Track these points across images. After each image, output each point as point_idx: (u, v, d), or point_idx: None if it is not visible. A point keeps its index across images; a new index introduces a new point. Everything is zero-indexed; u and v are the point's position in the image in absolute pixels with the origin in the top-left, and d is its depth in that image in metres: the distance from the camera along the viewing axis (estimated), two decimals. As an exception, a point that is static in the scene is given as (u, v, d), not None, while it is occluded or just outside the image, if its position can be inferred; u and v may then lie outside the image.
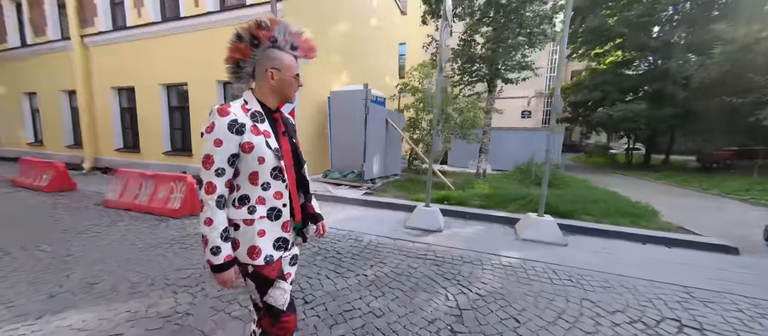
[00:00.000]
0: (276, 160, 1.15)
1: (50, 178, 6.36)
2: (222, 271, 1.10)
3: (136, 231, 4.06)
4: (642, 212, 5.13)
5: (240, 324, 2.15)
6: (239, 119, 1.09)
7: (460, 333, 2.13)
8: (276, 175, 1.17)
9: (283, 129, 1.23)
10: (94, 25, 8.53)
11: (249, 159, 1.11)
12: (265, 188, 1.16)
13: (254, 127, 1.12)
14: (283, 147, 1.20)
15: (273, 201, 1.17)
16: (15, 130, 11.15)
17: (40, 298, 2.43)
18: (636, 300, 2.63)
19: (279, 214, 1.18)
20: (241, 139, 1.09)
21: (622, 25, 16.96)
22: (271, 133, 1.16)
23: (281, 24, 1.14)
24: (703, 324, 2.32)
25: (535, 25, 7.22)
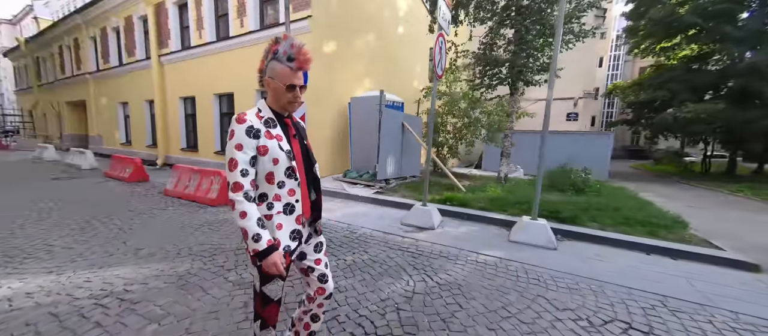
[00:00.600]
0: (289, 161, 1.28)
1: (131, 171, 7.94)
2: (267, 256, 1.20)
3: (180, 214, 5.02)
4: (666, 223, 4.73)
5: (230, 285, 2.73)
6: (254, 125, 1.23)
7: (403, 310, 2.43)
8: (289, 174, 1.29)
9: (293, 132, 1.35)
10: (168, 46, 10.33)
11: (265, 161, 1.24)
12: (280, 186, 1.28)
13: (268, 132, 1.25)
14: (294, 148, 1.32)
15: (287, 197, 1.30)
16: (112, 133, 13.86)
17: (103, 256, 3.30)
18: (596, 302, 2.64)
19: (293, 209, 1.32)
20: (257, 143, 1.23)
21: (695, 15, 14.93)
22: (282, 137, 1.29)
23: (288, 39, 1.25)
24: (655, 329, 2.29)
25: (551, 27, 6.96)
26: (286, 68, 1.23)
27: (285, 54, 1.23)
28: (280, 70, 1.23)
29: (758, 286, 3.07)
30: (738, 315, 2.51)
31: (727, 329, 2.32)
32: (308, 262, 1.49)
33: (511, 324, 2.30)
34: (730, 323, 2.39)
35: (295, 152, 1.32)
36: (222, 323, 2.18)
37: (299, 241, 1.36)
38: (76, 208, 5.16)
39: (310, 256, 1.49)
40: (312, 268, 1.49)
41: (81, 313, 2.26)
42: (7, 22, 41.59)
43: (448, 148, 9.77)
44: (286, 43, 1.24)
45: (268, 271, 1.23)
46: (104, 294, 2.52)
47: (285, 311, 2.27)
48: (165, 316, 2.25)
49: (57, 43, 16.75)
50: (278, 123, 1.30)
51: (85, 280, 2.76)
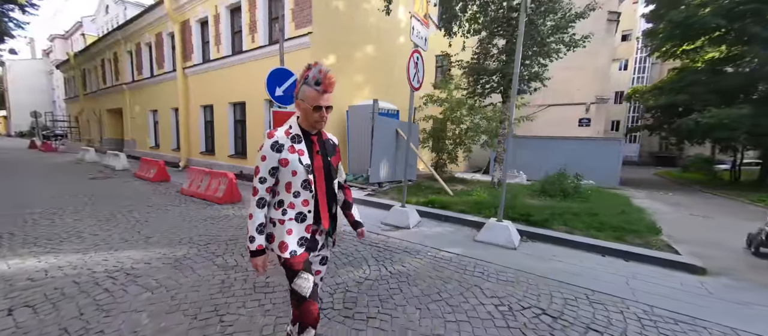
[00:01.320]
0: (306, 174, 1.41)
1: (154, 172, 8.89)
2: (254, 257, 1.41)
3: (189, 210, 5.72)
4: (638, 229, 4.85)
5: (215, 267, 3.29)
6: (279, 141, 1.39)
7: (349, 292, 2.88)
8: (305, 186, 1.43)
9: (317, 148, 1.48)
10: (191, 59, 11.39)
11: (285, 171, 1.40)
12: (295, 196, 1.43)
13: (291, 147, 1.40)
14: (315, 163, 1.45)
15: (300, 207, 1.44)
16: (143, 137, 15.27)
17: (120, 242, 3.99)
18: (524, 293, 2.95)
19: (304, 218, 1.45)
20: (279, 156, 1.38)
21: (719, 16, 14.33)
22: (304, 152, 1.42)
23: (318, 66, 1.38)
24: (566, 314, 2.59)
25: (547, 36, 7.16)
26: (313, 91, 1.36)
27: (314, 79, 1.36)
28: (309, 93, 1.37)
29: (694, 286, 3.24)
30: (653, 308, 2.74)
31: (633, 318, 2.58)
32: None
33: (437, 305, 2.68)
34: (639, 314, 2.64)
35: (315, 167, 1.45)
36: (200, 294, 2.72)
37: (307, 248, 1.48)
38: (105, 203, 6.00)
39: (313, 267, 1.60)
40: None
41: (96, 281, 2.89)
42: (61, 38, 46.13)
43: (448, 153, 10.08)
44: (316, 69, 1.37)
45: (254, 267, 1.44)
46: (115, 270, 3.15)
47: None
48: (158, 287, 2.83)
49: (100, 56, 18.66)
50: (304, 139, 1.45)
51: (103, 259, 3.41)
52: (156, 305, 2.53)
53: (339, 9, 8.20)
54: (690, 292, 3.10)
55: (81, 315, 2.36)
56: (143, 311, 2.44)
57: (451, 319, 2.47)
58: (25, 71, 44.20)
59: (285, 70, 5.19)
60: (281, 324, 2.32)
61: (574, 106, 16.36)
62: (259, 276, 1.56)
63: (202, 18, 10.76)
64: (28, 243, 3.81)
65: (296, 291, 1.41)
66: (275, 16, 8.70)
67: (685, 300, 2.92)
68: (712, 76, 15.91)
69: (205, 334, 2.18)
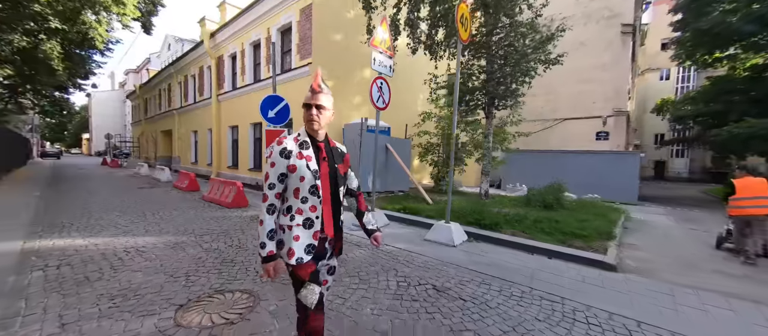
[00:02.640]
0: (313, 179, 1.44)
1: (187, 183, 10.52)
2: (265, 263, 1.42)
3: (202, 211, 6.95)
4: (588, 234, 5.08)
5: (202, 251, 4.29)
6: (288, 147, 1.44)
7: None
8: (312, 192, 1.45)
9: (324, 155, 1.51)
10: (223, 87, 13.34)
11: (293, 177, 1.43)
12: (303, 201, 1.44)
13: (300, 153, 1.44)
14: (321, 170, 1.47)
15: (308, 212, 1.45)
16: (186, 154, 17.66)
17: (142, 232, 5.20)
18: (431, 276, 3.53)
19: (312, 224, 1.45)
20: (288, 162, 1.42)
21: (748, 22, 13.56)
22: (312, 158, 1.45)
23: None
24: (451, 289, 3.15)
25: (523, 56, 7.61)
26: (308, 94, 1.49)
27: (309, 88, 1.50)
28: (305, 98, 1.49)
29: (593, 279, 3.56)
30: (532, 290, 3.19)
31: (508, 295, 3.06)
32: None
33: (351, 279, 3.37)
34: (516, 294, 3.11)
35: (321, 173, 1.48)
36: (181, 264, 3.69)
37: (314, 256, 1.47)
38: (144, 206, 7.47)
39: (322, 275, 1.63)
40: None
41: (115, 253, 4.01)
42: (133, 71, 54.16)
43: (438, 167, 10.66)
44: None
45: (265, 274, 1.44)
46: (131, 247, 4.28)
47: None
48: (154, 258, 3.87)
49: (158, 87, 22.03)
50: (311, 146, 1.50)
51: (125, 241, 4.59)
52: (149, 269, 3.54)
53: (336, 41, 9.40)
54: (584, 283, 3.45)
55: (99, 270, 3.43)
56: (139, 271, 3.45)
57: (355, 288, 3.16)
58: (105, 101, 52.09)
59: (278, 96, 6.31)
60: (228, 284, 3.19)
61: (591, 119, 15.94)
62: (273, 281, 1.60)
63: (232, 53, 12.68)
64: (80, 229, 5.15)
65: (300, 301, 1.45)
66: (287, 50, 10.16)
67: (574, 288, 3.31)
68: (750, 83, 14.75)
69: (174, 285, 3.11)
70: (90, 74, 18.29)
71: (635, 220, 7.98)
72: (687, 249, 5.27)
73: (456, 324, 2.53)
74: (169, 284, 3.12)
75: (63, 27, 12.59)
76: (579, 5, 16.49)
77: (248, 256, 4.01)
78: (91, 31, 13.20)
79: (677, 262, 4.47)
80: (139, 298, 2.82)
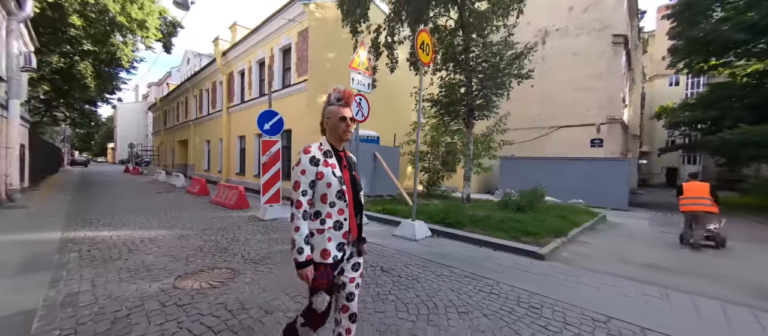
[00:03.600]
0: (339, 185, 1.59)
1: (198, 188, 11.60)
2: (303, 268, 1.51)
3: (208, 212, 7.91)
4: (540, 232, 5.68)
5: (201, 240, 5.18)
6: (316, 156, 1.58)
7: (259, 252, 4.50)
8: (339, 197, 1.59)
9: (345, 163, 1.68)
10: (233, 100, 14.55)
11: (321, 184, 1.56)
12: (331, 206, 1.58)
13: (325, 161, 1.59)
14: (344, 176, 1.63)
15: (337, 216, 1.59)
16: (200, 162, 18.99)
17: (154, 226, 6.15)
18: (385, 262, 4.27)
19: (340, 226, 1.60)
20: (316, 170, 1.55)
21: (740, 31, 13.78)
22: (336, 165, 1.62)
23: (337, 89, 1.68)
24: (395, 270, 3.88)
25: (497, 71, 8.30)
26: (337, 107, 1.62)
27: (335, 97, 1.64)
28: (333, 110, 1.62)
29: (523, 265, 4.21)
30: (462, 271, 3.88)
31: (438, 273, 3.77)
32: (344, 278, 1.69)
33: (315, 262, 4.15)
34: (446, 274, 3.81)
35: (344, 179, 1.62)
36: (184, 250, 4.56)
37: (343, 253, 1.61)
38: (159, 207, 8.51)
39: (347, 274, 1.70)
40: (344, 284, 1.70)
41: (132, 241, 4.94)
42: (156, 84, 57.44)
43: (436, 172, 11.38)
44: (335, 93, 1.66)
45: (302, 279, 1.52)
46: (145, 238, 5.21)
47: (209, 246, 4.58)
48: (163, 245, 4.76)
49: (176, 100, 23.72)
50: (334, 154, 1.63)
51: (140, 233, 5.53)
52: (158, 253, 4.43)
53: (330, 59, 10.38)
54: (512, 268, 4.10)
55: (119, 253, 4.35)
56: (151, 255, 4.34)
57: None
58: (129, 112, 55.28)
59: (272, 111, 7.25)
60: (218, 264, 4.03)
61: (585, 126, 16.29)
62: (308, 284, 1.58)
63: (241, 70, 13.90)
64: (105, 225, 6.16)
65: (315, 305, 1.60)
66: (288, 67, 11.21)
67: (499, 271, 3.97)
68: (745, 90, 14.86)
69: (176, 264, 3.98)
70: (116, 90, 20.06)
71: (610, 223, 8.44)
72: (638, 248, 5.77)
73: (383, 292, 3.26)
74: (172, 263, 3.99)
75: (95, 49, 14.15)
76: (572, 17, 17.03)
77: (238, 246, 4.86)
78: (119, 52, 14.74)
79: (613, 256, 5.02)
80: (149, 271, 3.69)
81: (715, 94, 16.11)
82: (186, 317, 2.64)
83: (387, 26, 8.20)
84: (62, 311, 2.69)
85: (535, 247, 4.80)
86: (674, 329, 2.66)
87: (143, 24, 13.61)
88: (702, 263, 4.86)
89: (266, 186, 7.21)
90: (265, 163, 7.20)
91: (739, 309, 3.11)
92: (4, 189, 7.76)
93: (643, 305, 3.13)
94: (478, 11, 8.34)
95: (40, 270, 3.64)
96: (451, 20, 8.92)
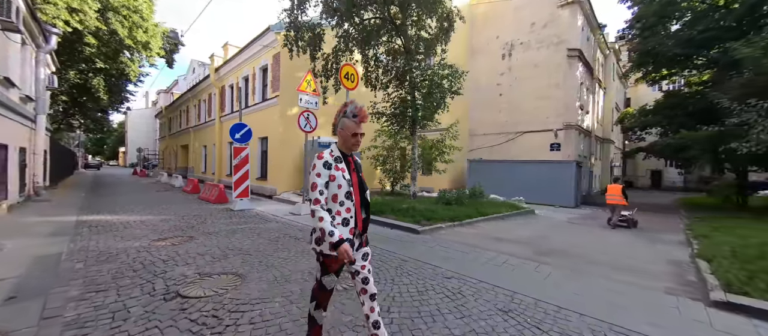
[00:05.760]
0: (348, 187, 1.84)
1: (191, 187, 13.50)
2: (339, 246, 1.70)
3: (193, 205, 9.73)
4: (441, 217, 7.33)
5: (186, 226, 6.99)
6: (328, 160, 1.82)
7: (223, 228, 6.26)
8: (347, 197, 1.84)
9: (353, 167, 1.93)
10: (224, 110, 16.49)
11: (333, 185, 1.81)
12: (341, 205, 1.83)
13: (336, 165, 1.83)
14: (352, 179, 1.88)
15: (345, 214, 1.83)
16: (199, 165, 21.01)
17: (148, 214, 7.99)
18: (294, 233, 5.99)
19: (348, 223, 1.84)
20: (329, 173, 1.80)
21: (679, 46, 15.19)
22: (346, 170, 1.87)
23: (353, 103, 1.89)
24: (298, 237, 5.59)
25: (435, 87, 9.96)
26: (352, 122, 1.86)
27: (351, 113, 1.87)
28: (348, 123, 1.87)
29: (404, 237, 5.87)
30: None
31: (327, 241, 5.49)
32: (356, 267, 1.92)
33: (244, 236, 5.88)
34: (335, 240, 5.52)
35: (353, 181, 1.88)
36: (167, 228, 6.36)
37: (352, 245, 1.84)
38: (154, 202, 10.37)
39: (359, 262, 1.94)
40: (358, 271, 1.93)
41: (128, 223, 6.77)
42: (164, 92, 60.39)
43: (396, 174, 13.09)
44: (352, 106, 1.89)
45: (341, 257, 1.72)
46: (138, 221, 7.03)
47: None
48: (149, 225, 6.57)
49: (179, 108, 25.92)
50: (343, 160, 1.90)
51: (135, 218, 7.36)
52: (144, 228, 6.24)
53: (298, 77, 12.09)
54: (393, 239, 5.76)
55: (116, 228, 6.16)
56: (138, 229, 6.13)
57: (255, 238, 5.67)
58: (139, 118, 58.15)
59: (242, 124, 9.06)
60: (185, 234, 5.82)
61: (545, 132, 17.77)
62: (351, 261, 1.75)
63: (231, 84, 15.85)
64: (109, 212, 8.02)
65: (323, 284, 1.95)
66: (266, 84, 13.07)
67: (382, 240, 5.64)
68: (686, 99, 16.25)
69: (155, 234, 5.78)
70: (125, 100, 22.29)
71: (535, 216, 10.00)
72: (526, 231, 7.31)
73: (299, 250, 4.99)
74: (152, 234, 5.77)
75: (106, 66, 16.27)
76: (534, 32, 18.58)
77: (204, 226, 6.62)
78: (127, 68, 16.85)
79: (490, 236, 6.54)
80: (135, 237, 5.48)
81: (666, 101, 17.49)
82: (150, 256, 4.41)
83: (334, 54, 9.92)
84: (78, 254, 4.48)
85: (418, 226, 6.47)
86: (483, 275, 3.97)
87: (147, 45, 15.68)
88: (554, 240, 6.44)
89: (237, 183, 9.02)
90: (235, 165, 9.02)
91: (534, 264, 4.74)
92: (33, 186, 9.72)
93: (472, 263, 4.53)
94: (416, 39, 10.06)
95: (63, 235, 5.47)
96: (397, 45, 10.66)
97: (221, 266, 4.02)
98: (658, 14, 15.41)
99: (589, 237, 6.97)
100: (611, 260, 5.02)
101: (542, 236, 6.72)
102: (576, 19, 17.54)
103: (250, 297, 3.11)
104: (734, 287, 3.33)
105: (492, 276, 3.93)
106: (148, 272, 3.74)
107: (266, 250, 4.80)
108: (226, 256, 4.48)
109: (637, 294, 3.52)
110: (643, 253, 5.68)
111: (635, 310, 3.06)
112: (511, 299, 3.24)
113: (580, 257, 5.09)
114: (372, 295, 1.93)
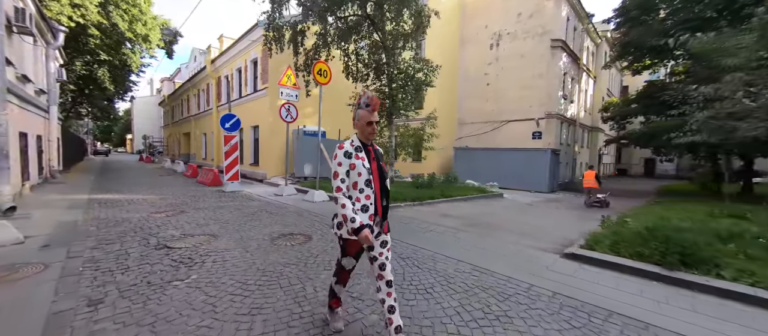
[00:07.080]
0: (368, 174, 1.94)
1: (191, 172, 14.66)
2: (361, 231, 1.81)
3: (190, 186, 10.87)
4: (404, 198, 8.34)
5: (186, 205, 8.12)
6: (348, 150, 1.93)
7: (206, 207, 7.36)
8: (367, 184, 1.94)
9: (373, 155, 2.02)
10: (221, 100, 17.47)
11: (353, 174, 1.92)
12: (361, 192, 1.93)
13: (356, 154, 1.94)
14: (372, 167, 1.98)
15: (365, 200, 1.94)
16: (200, 152, 22.19)
17: (149, 193, 9.12)
18: (278, 210, 7.05)
19: (367, 209, 1.94)
20: (350, 161, 1.92)
21: (650, 37, 15.62)
22: (365, 158, 1.96)
23: (366, 94, 2.01)
24: (278, 214, 6.66)
25: (409, 79, 10.79)
26: (365, 111, 1.97)
27: (364, 103, 1.97)
28: (363, 113, 1.98)
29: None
30: (316, 215, 6.63)
31: (300, 215, 6.54)
32: (374, 253, 2.02)
33: (227, 211, 6.97)
34: (304, 217, 6.57)
35: (372, 169, 1.97)
36: (162, 204, 7.48)
37: (371, 231, 1.90)
38: (156, 184, 11.53)
39: (377, 249, 2.03)
40: (376, 258, 2.03)
41: (132, 200, 7.90)
42: (168, 80, 61.35)
43: None
44: (365, 97, 1.99)
45: (362, 242, 1.85)
46: (140, 198, 8.16)
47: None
48: (150, 202, 7.69)
49: (180, 97, 26.95)
50: (363, 149, 1.99)
51: (138, 196, 8.48)
52: (144, 204, 7.36)
53: (287, 70, 13.04)
54: (348, 213, 6.82)
55: (121, 204, 7.30)
56: (140, 205, 7.26)
57: (225, 212, 6.76)
58: (144, 105, 59.33)
59: (231, 114, 10.05)
60: (178, 209, 6.93)
61: (528, 121, 18.49)
62: (371, 245, 1.91)
63: (226, 75, 16.76)
64: (116, 192, 9.16)
65: (342, 265, 2.18)
66: (256, 75, 13.97)
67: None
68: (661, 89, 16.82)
69: (153, 208, 6.90)
70: (129, 90, 23.36)
71: (501, 199, 10.98)
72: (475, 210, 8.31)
73: (258, 219, 6.05)
74: (151, 208, 6.89)
75: (109, 58, 17.25)
76: (520, 22, 19.00)
77: (196, 202, 7.72)
78: (129, 59, 17.82)
79: (438, 214, 7.62)
80: (137, 210, 6.59)
81: (646, 91, 18.03)
82: (148, 223, 5.51)
83: (314, 49, 10.75)
84: (91, 221, 5.60)
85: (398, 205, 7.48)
86: (411, 240, 5.25)
87: (147, 38, 16.58)
88: (494, 217, 7.43)
89: (227, 168, 10.10)
90: (226, 152, 10.08)
91: (456, 232, 5.76)
92: (49, 170, 10.91)
93: (408, 231, 5.68)
94: (393, 34, 10.84)
95: (78, 208, 6.61)
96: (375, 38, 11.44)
97: (201, 230, 5.11)
98: (642, 7, 15.80)
99: (527, 216, 7.93)
100: (523, 229, 6.01)
101: (487, 213, 7.71)
102: (560, 9, 17.94)
103: (217, 248, 4.18)
104: (589, 246, 4.30)
105: (417, 239, 4.95)
106: (145, 233, 4.84)
107: (241, 221, 5.87)
108: (208, 224, 5.57)
109: (518, 250, 4.53)
110: (567, 225, 6.65)
111: (504, 259, 4.07)
112: (415, 252, 4.26)
113: (499, 227, 6.09)
114: (388, 281, 2.02)
